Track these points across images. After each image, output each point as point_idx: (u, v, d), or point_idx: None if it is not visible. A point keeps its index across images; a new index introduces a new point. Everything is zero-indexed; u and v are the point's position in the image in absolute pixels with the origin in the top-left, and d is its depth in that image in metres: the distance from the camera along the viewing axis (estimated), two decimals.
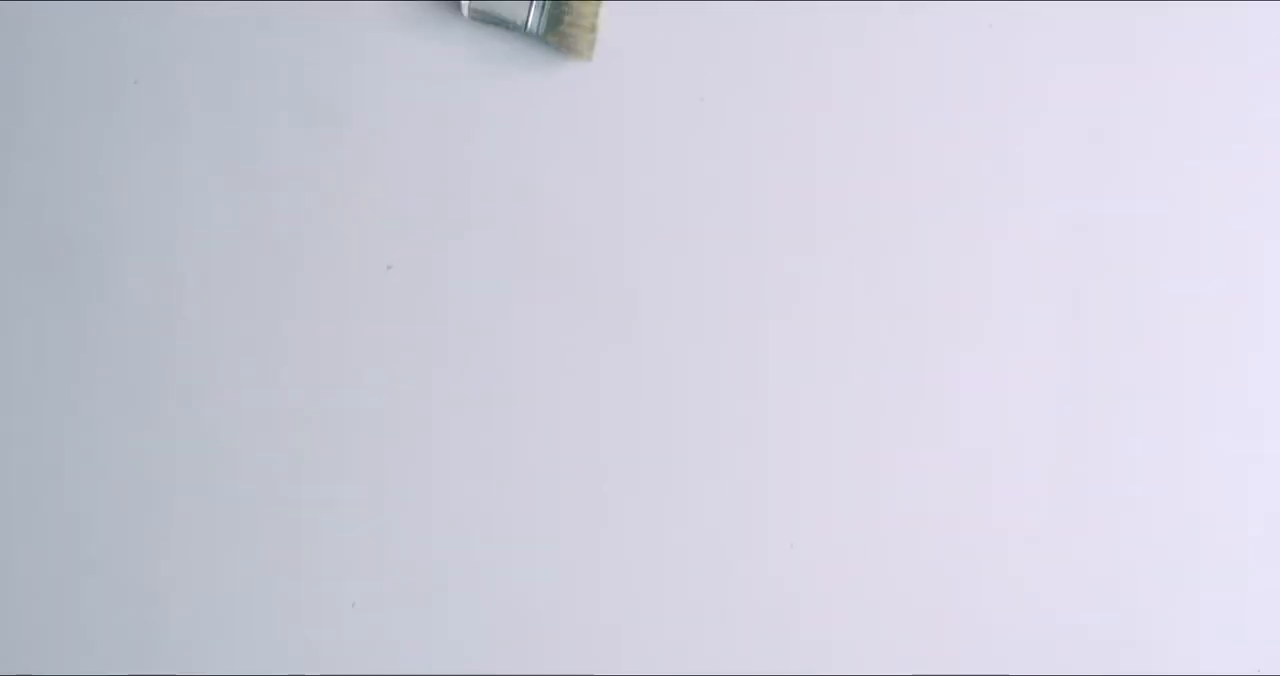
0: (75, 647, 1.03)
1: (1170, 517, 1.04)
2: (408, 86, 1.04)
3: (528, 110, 1.04)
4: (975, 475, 1.03)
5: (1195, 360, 1.04)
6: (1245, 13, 1.04)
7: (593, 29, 1.02)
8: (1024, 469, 1.03)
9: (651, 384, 1.04)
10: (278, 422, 1.04)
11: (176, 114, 1.05)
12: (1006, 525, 1.03)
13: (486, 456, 1.04)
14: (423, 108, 1.04)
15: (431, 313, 1.04)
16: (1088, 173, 1.04)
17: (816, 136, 1.04)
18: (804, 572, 1.03)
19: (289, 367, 1.04)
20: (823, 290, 1.04)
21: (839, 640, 1.03)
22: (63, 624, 1.03)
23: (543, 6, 1.03)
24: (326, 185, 1.05)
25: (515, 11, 1.03)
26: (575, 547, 1.04)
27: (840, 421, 1.04)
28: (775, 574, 1.03)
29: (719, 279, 1.04)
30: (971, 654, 1.03)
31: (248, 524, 1.04)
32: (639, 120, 1.04)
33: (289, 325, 1.04)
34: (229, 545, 1.04)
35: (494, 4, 1.03)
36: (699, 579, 1.03)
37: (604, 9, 1.03)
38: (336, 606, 1.03)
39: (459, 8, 1.03)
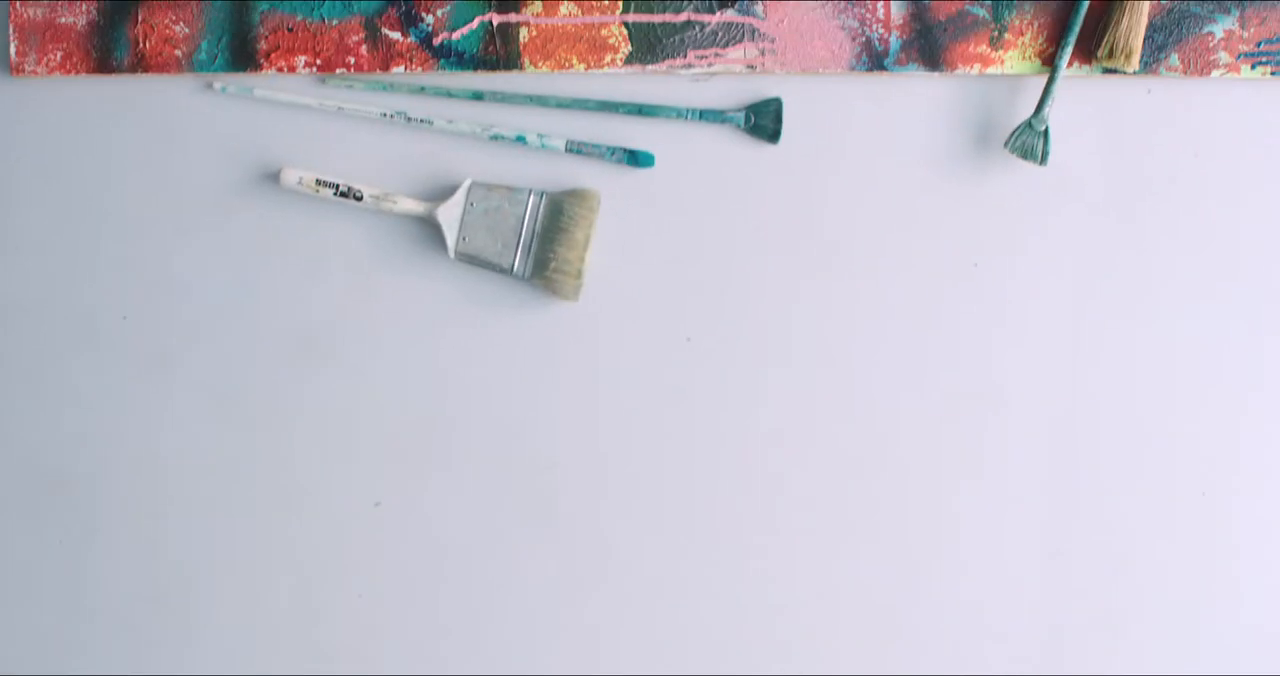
0: None
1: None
2: (396, 324, 1.05)
3: (514, 349, 1.05)
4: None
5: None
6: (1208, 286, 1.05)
7: (578, 276, 1.02)
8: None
9: (629, 623, 1.05)
10: (270, 659, 1.05)
11: (166, 349, 1.06)
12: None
13: None
14: (411, 345, 1.05)
15: (419, 550, 1.05)
16: (1065, 403, 1.05)
17: (805, 378, 1.05)
18: None
19: (279, 604, 1.05)
20: (806, 536, 1.05)
21: None
22: None
23: (528, 251, 1.03)
24: (316, 421, 1.05)
25: (502, 257, 1.03)
26: None
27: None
28: None
29: (704, 522, 1.05)
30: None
31: None
32: (625, 359, 1.05)
33: (279, 561, 1.06)
34: None
35: (480, 248, 1.03)
36: None
37: (589, 256, 1.03)
38: None
39: (446, 250, 1.03)
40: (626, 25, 1.03)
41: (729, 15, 1.03)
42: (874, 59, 1.03)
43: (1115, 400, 1.05)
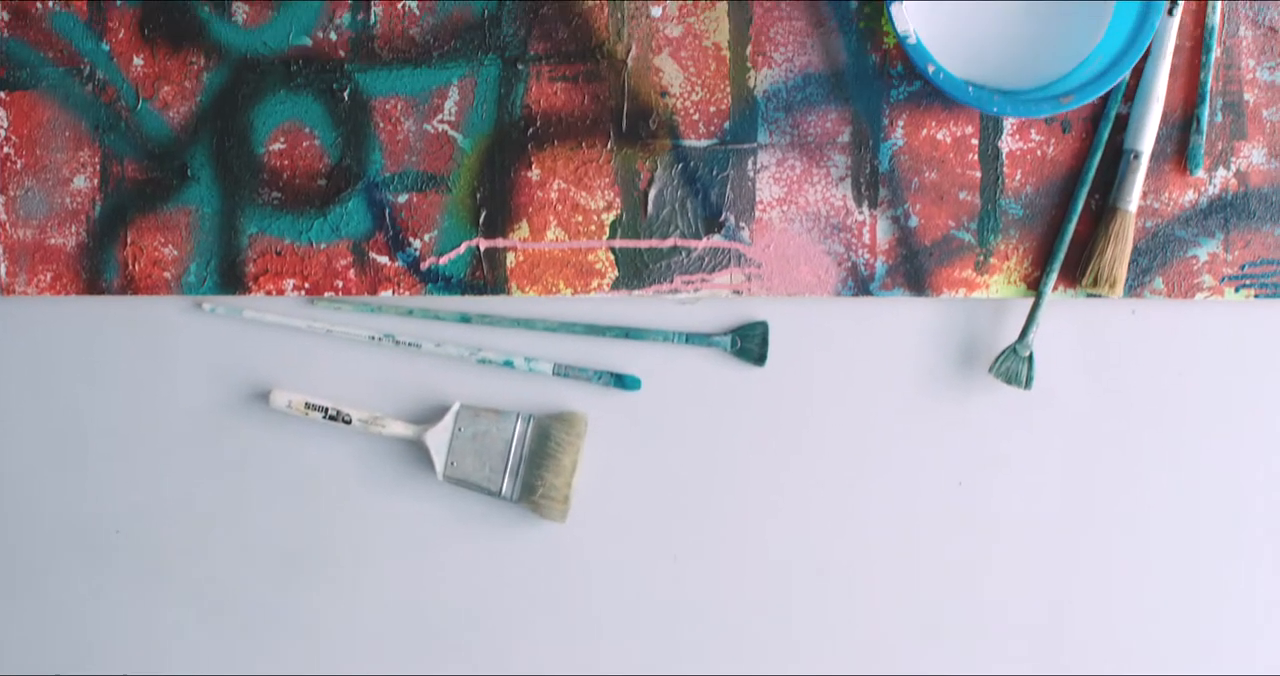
0: None
1: None
2: (385, 543, 1.06)
3: (502, 568, 1.06)
4: None
5: None
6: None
7: (565, 501, 1.03)
8: None
9: None
10: None
11: (158, 563, 1.06)
12: None
13: None
14: (399, 563, 1.06)
15: None
16: (1052, 623, 1.06)
17: (791, 596, 1.06)
18: None
19: None
20: None
21: None
22: None
23: (516, 475, 1.04)
24: (306, 636, 1.06)
25: (490, 481, 1.04)
26: None
27: None
28: None
29: None
30: None
31: None
32: (613, 578, 1.06)
33: None
34: None
35: (468, 472, 1.04)
36: None
37: (576, 480, 1.04)
38: None
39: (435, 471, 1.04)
40: (613, 251, 1.04)
41: (715, 241, 1.04)
42: (859, 284, 1.04)
43: (1101, 619, 1.06)
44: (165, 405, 1.06)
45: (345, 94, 1.04)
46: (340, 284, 1.04)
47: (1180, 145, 1.03)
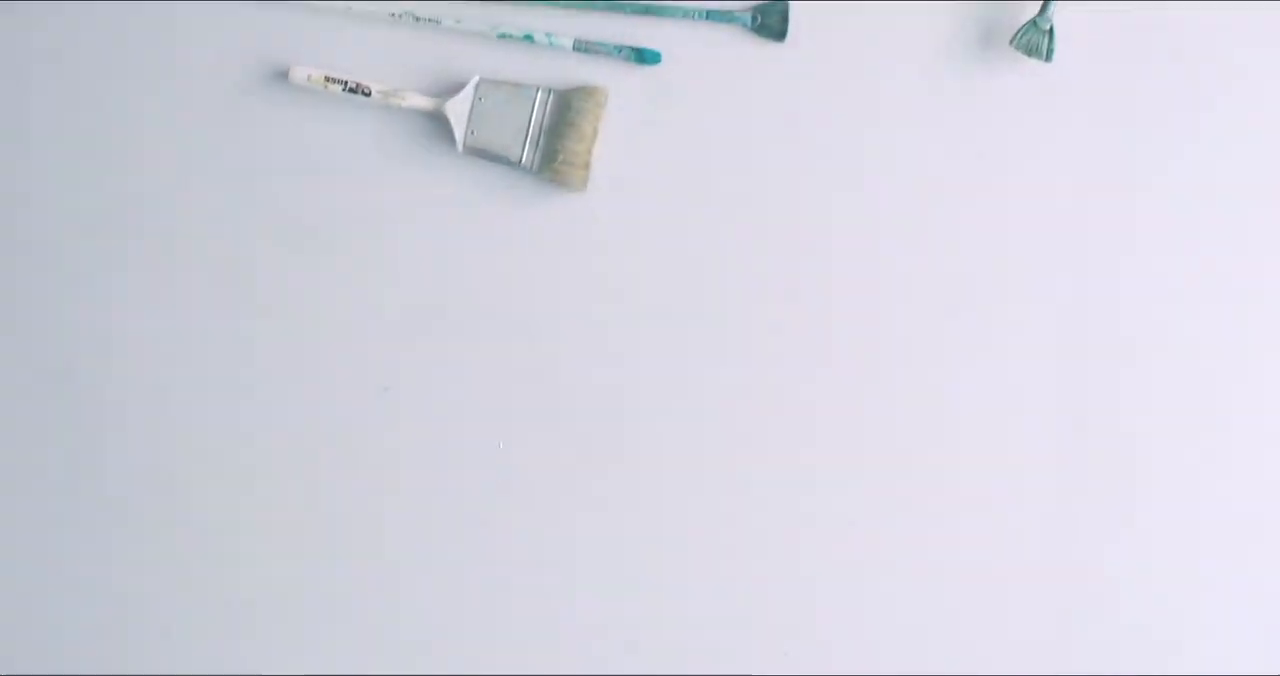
0: None
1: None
2: (402, 214, 1.07)
3: (521, 238, 1.07)
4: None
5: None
6: None
7: (586, 166, 1.04)
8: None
9: (641, 502, 1.09)
10: (277, 544, 1.09)
11: (174, 238, 1.07)
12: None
13: (482, 578, 1.09)
14: (417, 235, 1.07)
15: (427, 433, 1.08)
16: (1069, 287, 1.07)
17: (807, 269, 1.07)
18: None
19: (289, 489, 1.09)
20: (816, 411, 1.08)
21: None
22: None
23: (536, 144, 1.04)
24: (322, 310, 1.08)
25: (510, 149, 1.05)
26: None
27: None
28: None
29: (708, 398, 1.08)
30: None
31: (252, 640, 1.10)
32: (630, 250, 1.07)
33: (286, 446, 1.08)
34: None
35: (488, 141, 1.04)
36: None
37: (596, 148, 1.04)
38: None
39: (455, 143, 1.04)
40: None
41: None
42: None
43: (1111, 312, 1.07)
44: (185, 83, 1.06)
45: None
46: None
47: None
